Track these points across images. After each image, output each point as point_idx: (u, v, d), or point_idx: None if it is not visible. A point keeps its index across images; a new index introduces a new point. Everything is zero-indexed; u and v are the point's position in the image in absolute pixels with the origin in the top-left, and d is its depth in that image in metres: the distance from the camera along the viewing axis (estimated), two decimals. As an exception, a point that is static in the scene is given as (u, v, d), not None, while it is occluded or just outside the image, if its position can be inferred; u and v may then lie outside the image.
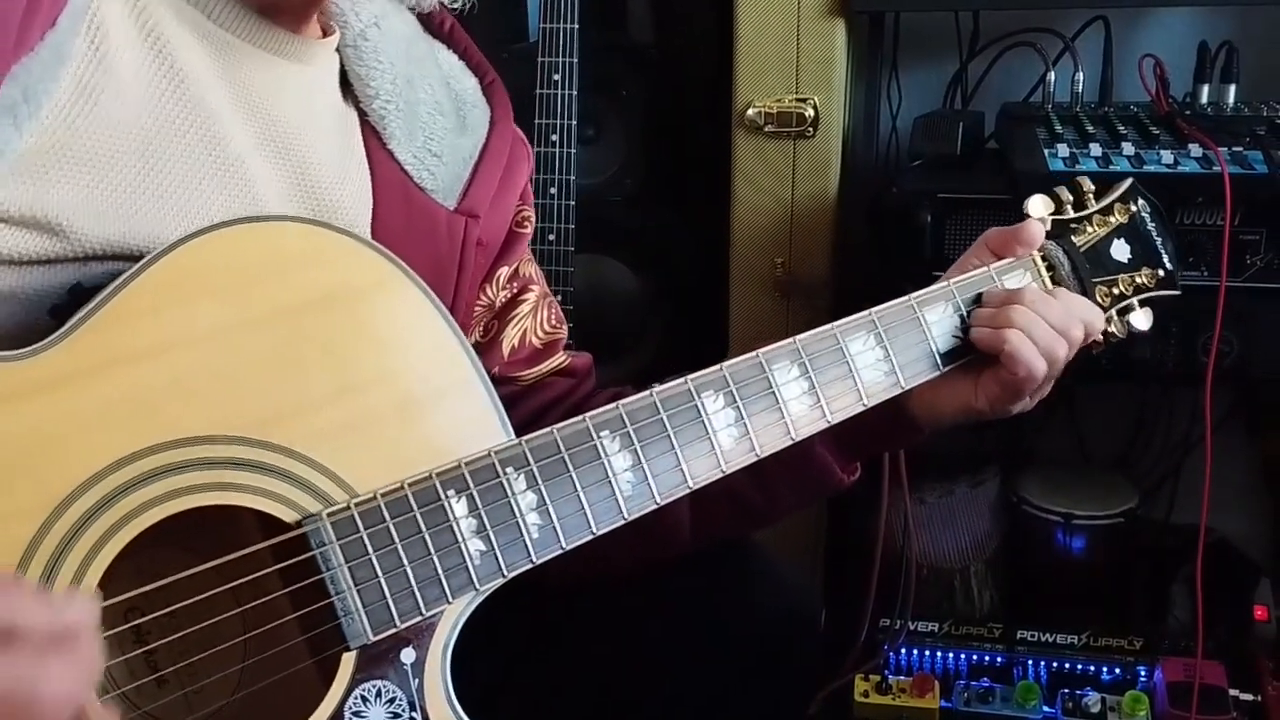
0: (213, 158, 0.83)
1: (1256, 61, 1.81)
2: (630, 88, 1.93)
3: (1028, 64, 1.83)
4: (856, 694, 1.76)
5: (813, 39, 1.67)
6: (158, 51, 0.81)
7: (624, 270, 1.96)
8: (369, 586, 0.77)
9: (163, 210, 0.80)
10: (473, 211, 1.00)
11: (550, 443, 0.83)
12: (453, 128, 1.01)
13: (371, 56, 0.96)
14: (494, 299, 1.06)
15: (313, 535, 0.76)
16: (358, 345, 0.80)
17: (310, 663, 0.80)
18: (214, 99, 0.84)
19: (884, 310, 0.96)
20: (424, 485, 0.79)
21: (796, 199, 1.73)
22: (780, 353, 0.91)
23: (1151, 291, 1.09)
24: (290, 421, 0.77)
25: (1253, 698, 1.73)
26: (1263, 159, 1.45)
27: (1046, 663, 1.80)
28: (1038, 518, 1.92)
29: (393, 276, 0.82)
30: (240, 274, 0.76)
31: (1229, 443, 2.05)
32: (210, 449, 0.74)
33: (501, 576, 0.82)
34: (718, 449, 0.88)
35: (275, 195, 0.87)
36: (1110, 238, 1.07)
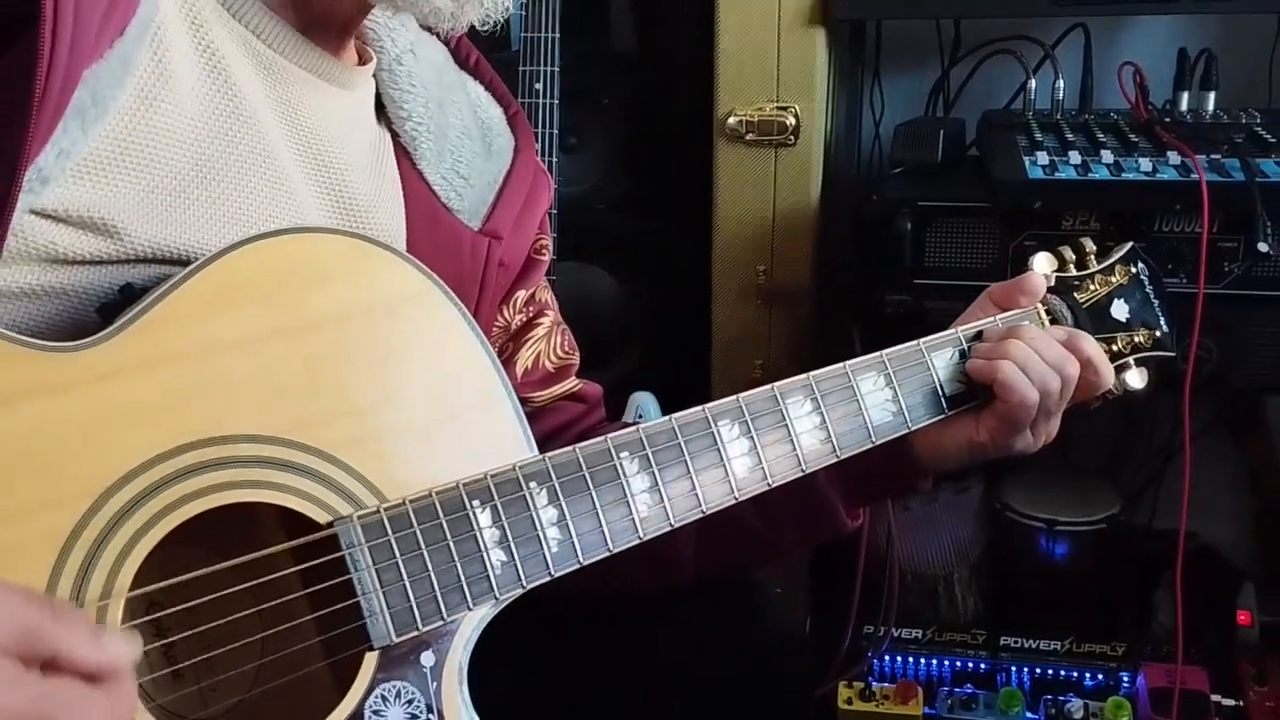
0: (262, 170, 0.86)
1: (1236, 69, 1.82)
2: (612, 96, 1.93)
3: (1009, 71, 1.84)
4: (840, 701, 1.77)
5: (793, 47, 1.67)
6: (213, 66, 0.84)
7: (607, 278, 1.97)
8: (394, 589, 0.80)
9: (213, 218, 0.83)
10: (496, 233, 1.03)
11: (572, 460, 0.86)
12: (479, 152, 1.05)
13: (405, 80, 1.00)
14: (510, 321, 1.09)
15: (343, 536, 0.79)
16: (394, 356, 0.83)
17: (327, 663, 0.82)
18: (263, 115, 0.87)
19: (894, 352, 0.99)
20: (451, 494, 0.82)
21: (778, 207, 1.73)
22: (794, 386, 0.94)
23: (1148, 351, 1.12)
24: (326, 426, 0.80)
25: (1235, 703, 1.74)
26: (1240, 167, 1.46)
27: (1030, 669, 1.80)
28: (1021, 524, 1.93)
29: (430, 292, 0.85)
30: (284, 282, 0.80)
31: (1212, 448, 2.06)
32: (249, 448, 0.77)
33: (521, 587, 0.84)
34: (731, 476, 0.91)
35: (315, 212, 0.91)
36: (1110, 297, 1.10)
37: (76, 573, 0.72)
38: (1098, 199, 1.51)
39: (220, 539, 0.78)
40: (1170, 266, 1.51)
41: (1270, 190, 1.43)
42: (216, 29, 0.85)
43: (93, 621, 0.71)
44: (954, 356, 1.01)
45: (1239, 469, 2.12)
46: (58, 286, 0.78)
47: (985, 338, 1.02)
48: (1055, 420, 1.02)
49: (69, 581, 0.71)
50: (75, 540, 0.72)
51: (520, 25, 1.73)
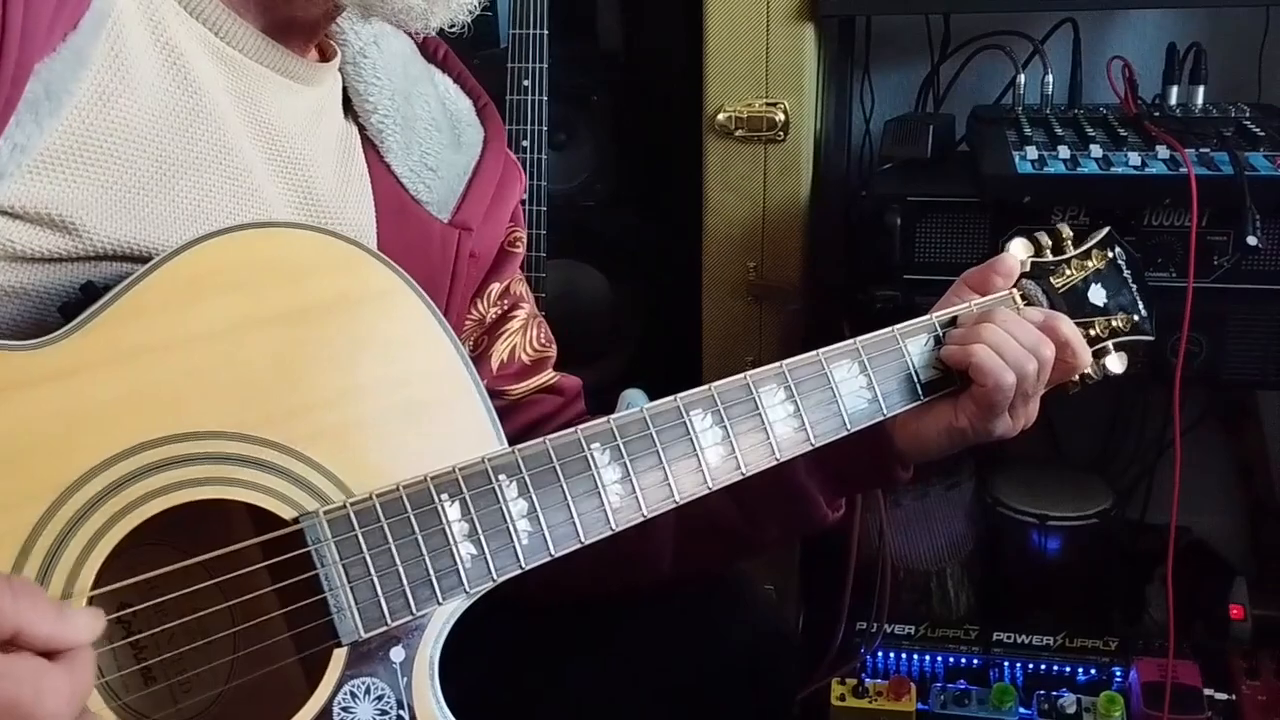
0: (223, 166, 0.85)
1: (1225, 63, 1.82)
2: (601, 93, 1.93)
3: (999, 67, 1.84)
4: (833, 698, 1.77)
5: (782, 43, 1.67)
6: (173, 62, 0.83)
7: (597, 275, 1.97)
8: (361, 584, 0.79)
9: (174, 213, 0.82)
10: (466, 225, 1.03)
11: (542, 452, 0.85)
12: (448, 144, 1.04)
13: (370, 73, 0.99)
14: (485, 314, 1.08)
15: (309, 531, 0.78)
16: (361, 351, 0.82)
17: (298, 659, 0.81)
18: (224, 112, 0.86)
19: (869, 339, 0.99)
20: (419, 488, 0.81)
21: (768, 203, 1.73)
22: (767, 375, 0.94)
23: (1126, 336, 1.11)
24: (292, 421, 0.79)
25: (1228, 697, 1.74)
26: (1229, 160, 1.46)
27: (1022, 664, 1.80)
28: (1013, 519, 1.93)
29: (396, 287, 0.84)
30: (249, 276, 0.79)
31: (1204, 443, 2.06)
32: (214, 444, 0.76)
33: (491, 580, 0.83)
34: (704, 466, 0.90)
35: (282, 208, 0.90)
36: (1088, 281, 1.10)
37: (37, 572, 0.71)
38: (1086, 193, 1.50)
39: (190, 536, 0.77)
40: (1160, 260, 1.51)
41: (1259, 184, 1.43)
42: (175, 26, 0.84)
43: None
44: (929, 343, 1.01)
45: (1231, 463, 2.12)
46: (17, 285, 0.77)
47: (960, 323, 1.02)
48: (1034, 403, 1.01)
49: (30, 581, 0.70)
50: (35, 540, 0.71)
51: (509, 22, 1.73)
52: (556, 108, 1.78)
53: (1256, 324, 1.51)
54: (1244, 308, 1.51)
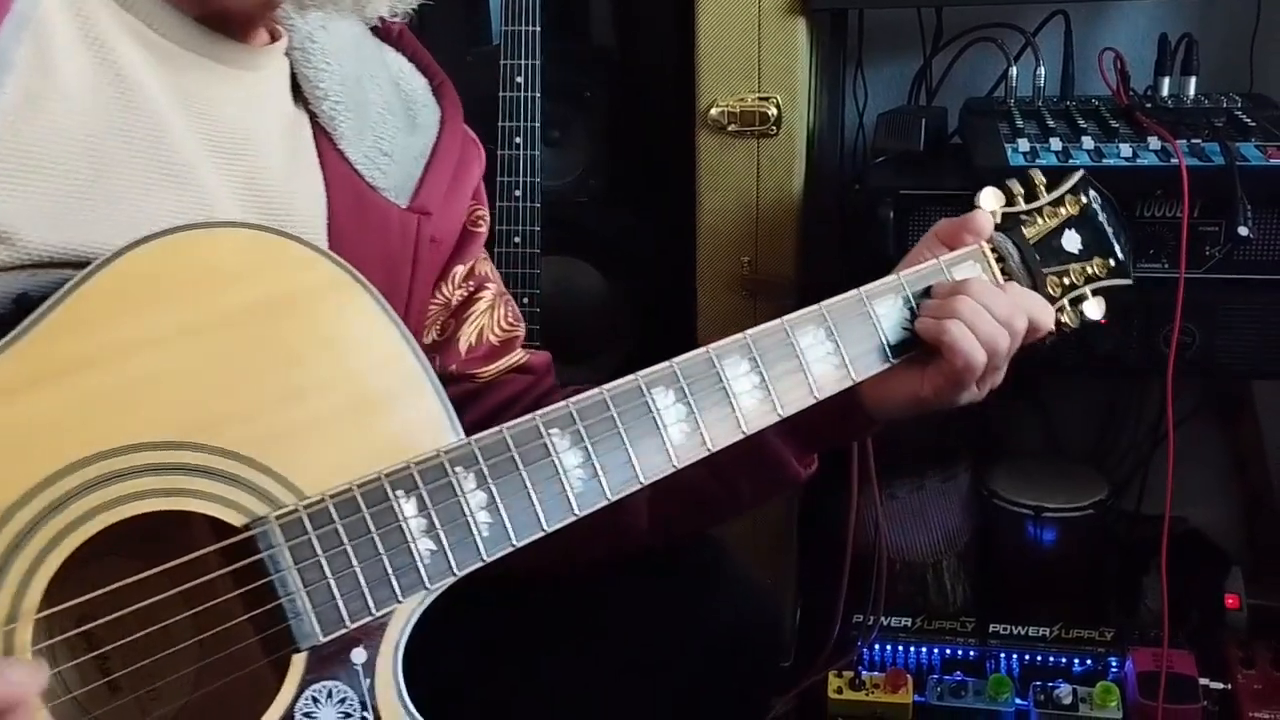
0: (161, 164, 0.83)
1: (1217, 53, 1.83)
2: (593, 89, 1.93)
3: (991, 59, 1.84)
4: (830, 690, 1.77)
5: (774, 37, 1.67)
6: (102, 59, 0.81)
7: (591, 271, 1.96)
8: (318, 588, 0.78)
9: (113, 216, 0.80)
10: (424, 209, 1.01)
11: (499, 441, 0.83)
12: (403, 127, 1.02)
13: (319, 58, 0.97)
14: (450, 297, 1.07)
15: (261, 538, 0.77)
16: (306, 349, 0.80)
17: (264, 663, 0.80)
18: (161, 106, 0.84)
19: (834, 303, 0.96)
20: (373, 486, 0.80)
21: (762, 197, 1.73)
22: (731, 348, 0.91)
23: (1103, 281, 1.10)
24: (240, 426, 0.77)
25: (1223, 686, 1.75)
26: (1220, 151, 1.46)
27: (1019, 655, 1.81)
28: (1009, 511, 1.93)
29: (341, 280, 0.82)
30: (189, 279, 0.77)
31: (1200, 433, 2.07)
32: (160, 454, 0.75)
33: (452, 575, 0.82)
34: (669, 444, 0.88)
35: (226, 201, 0.88)
36: (1061, 229, 1.08)
37: None
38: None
39: (151, 544, 0.76)
40: (1151, 251, 1.51)
41: (1250, 174, 1.43)
42: (106, 22, 0.82)
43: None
44: (898, 304, 0.99)
45: (1226, 453, 2.12)
46: None
47: (933, 293, 1.00)
48: (1002, 371, 1.01)
49: (-28, 607, 0.69)
50: None
51: (501, 19, 1.73)
52: (549, 104, 1.78)
53: (1249, 314, 1.51)
54: (1236, 298, 1.51)
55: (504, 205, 1.74)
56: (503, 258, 1.75)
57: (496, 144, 1.73)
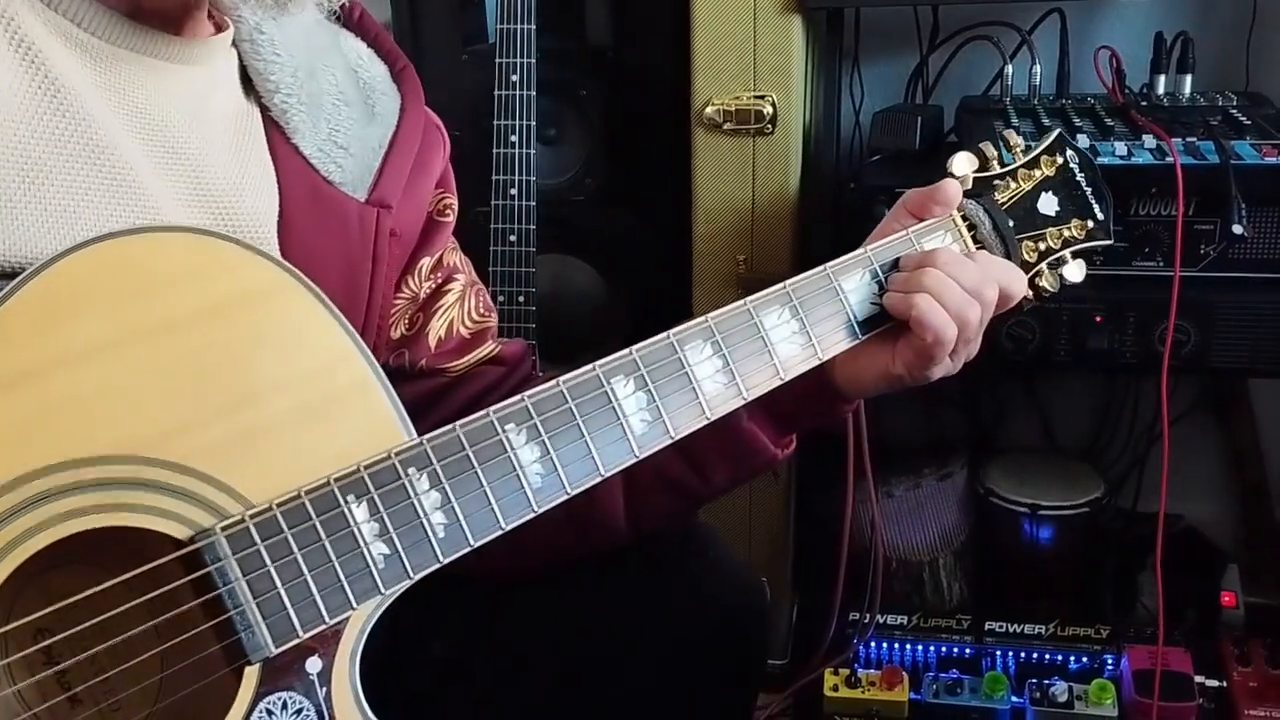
0: (98, 168, 0.81)
1: (1212, 52, 1.83)
2: (589, 88, 1.92)
3: (987, 57, 1.84)
4: (826, 688, 1.77)
5: (769, 36, 1.67)
6: (29, 63, 0.78)
7: (587, 270, 1.96)
8: (268, 599, 0.76)
9: (45, 223, 0.77)
10: (384, 202, 0.98)
11: (453, 440, 0.82)
12: (359, 117, 0.99)
13: (269, 49, 0.94)
14: (418, 291, 1.04)
15: (207, 551, 0.75)
16: (250, 355, 0.78)
17: (225, 673, 0.78)
18: (95, 108, 0.81)
19: (799, 281, 0.94)
20: (322, 492, 0.78)
21: (757, 196, 1.73)
22: (692, 332, 0.89)
23: (1082, 243, 1.07)
24: (183, 436, 0.75)
25: (1219, 684, 1.75)
26: (1215, 149, 1.46)
27: (1015, 653, 1.81)
28: (1005, 509, 1.94)
29: (284, 284, 0.80)
30: (125, 287, 0.74)
31: (1196, 430, 2.07)
32: (100, 470, 0.73)
33: (408, 579, 0.80)
34: (630, 434, 0.86)
35: (170, 203, 0.85)
36: (1036, 191, 1.05)
37: None
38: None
39: (110, 558, 0.74)
40: (1147, 249, 1.51)
41: (1245, 172, 1.44)
42: (29, 21, 0.79)
43: None
44: (865, 278, 0.97)
45: (1223, 451, 2.13)
46: None
47: (901, 265, 0.98)
48: (976, 342, 0.98)
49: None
50: None
51: (496, 17, 1.73)
52: (545, 102, 1.78)
53: (1243, 311, 1.51)
54: (1231, 296, 1.51)
55: (499, 204, 1.74)
56: (498, 256, 1.75)
57: (492, 143, 1.73)
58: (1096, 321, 1.54)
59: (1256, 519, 2.11)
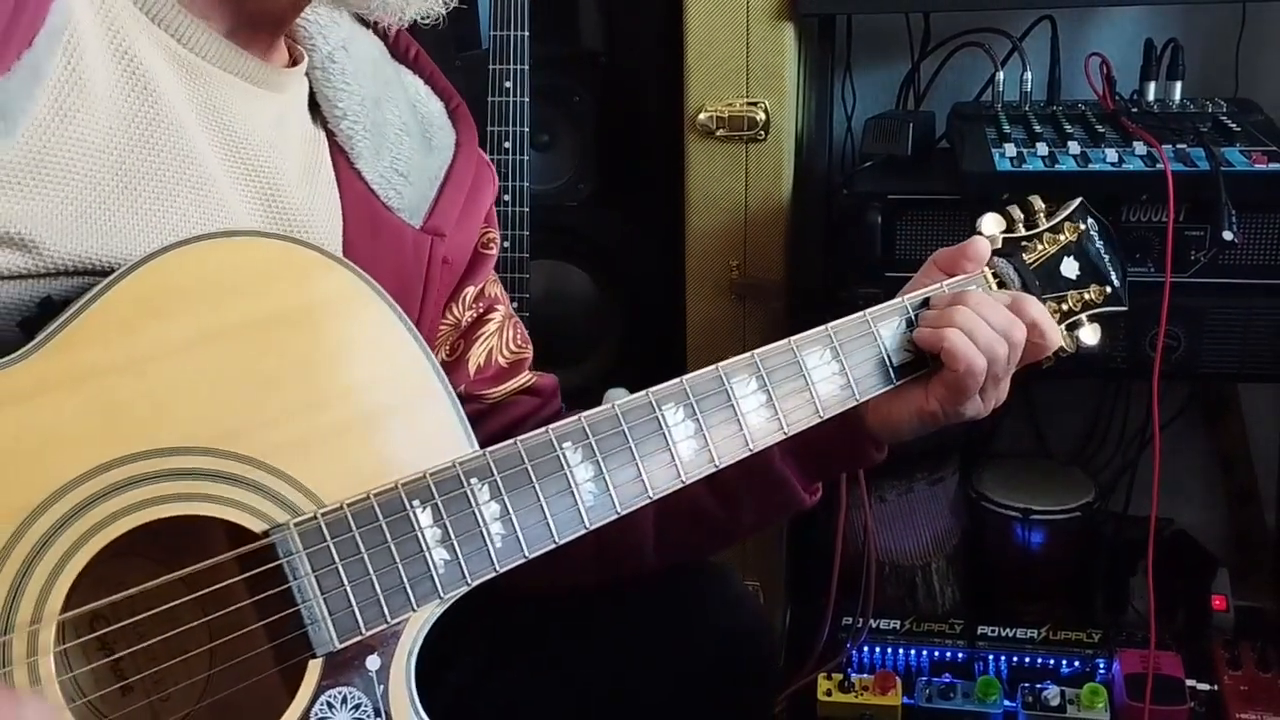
0: (185, 176, 0.84)
1: (1202, 58, 1.84)
2: (582, 94, 1.93)
3: (979, 64, 1.85)
4: (820, 693, 1.78)
5: (762, 43, 1.67)
6: (131, 72, 0.81)
7: (581, 275, 1.97)
8: (335, 594, 0.79)
9: (136, 226, 0.81)
10: (438, 230, 1.01)
11: (514, 454, 0.85)
12: (419, 148, 1.03)
13: (339, 78, 0.98)
14: (460, 318, 1.07)
15: (280, 544, 0.78)
16: (326, 359, 0.81)
17: (275, 670, 0.81)
18: (186, 122, 0.85)
19: (840, 325, 0.98)
20: (390, 495, 0.81)
21: (750, 202, 1.74)
22: (739, 366, 0.93)
23: (1099, 308, 1.11)
24: (259, 433, 0.78)
25: (1210, 687, 1.76)
26: (1205, 156, 1.47)
27: (1007, 657, 1.82)
28: (997, 513, 1.94)
29: (361, 292, 0.83)
30: (211, 287, 0.78)
31: (1186, 435, 2.08)
32: (180, 460, 0.76)
33: (465, 585, 0.83)
34: (677, 460, 0.90)
35: (246, 218, 0.89)
36: (1060, 255, 1.10)
37: (4, 598, 0.71)
38: (1064, 190, 1.50)
39: (166, 548, 0.77)
40: (1137, 255, 1.52)
41: (1235, 179, 1.44)
42: (135, 35, 0.82)
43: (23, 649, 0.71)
44: (901, 326, 1.01)
45: (1213, 455, 2.14)
46: None
47: (932, 305, 1.02)
48: (1005, 384, 1.02)
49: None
50: (5, 558, 0.71)
51: (490, 23, 1.74)
52: (538, 109, 1.78)
53: (1233, 317, 1.52)
54: (1221, 301, 1.52)
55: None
56: (492, 262, 1.75)
57: (485, 148, 1.73)
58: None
59: (1246, 522, 2.12)
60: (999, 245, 1.08)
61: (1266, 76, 1.89)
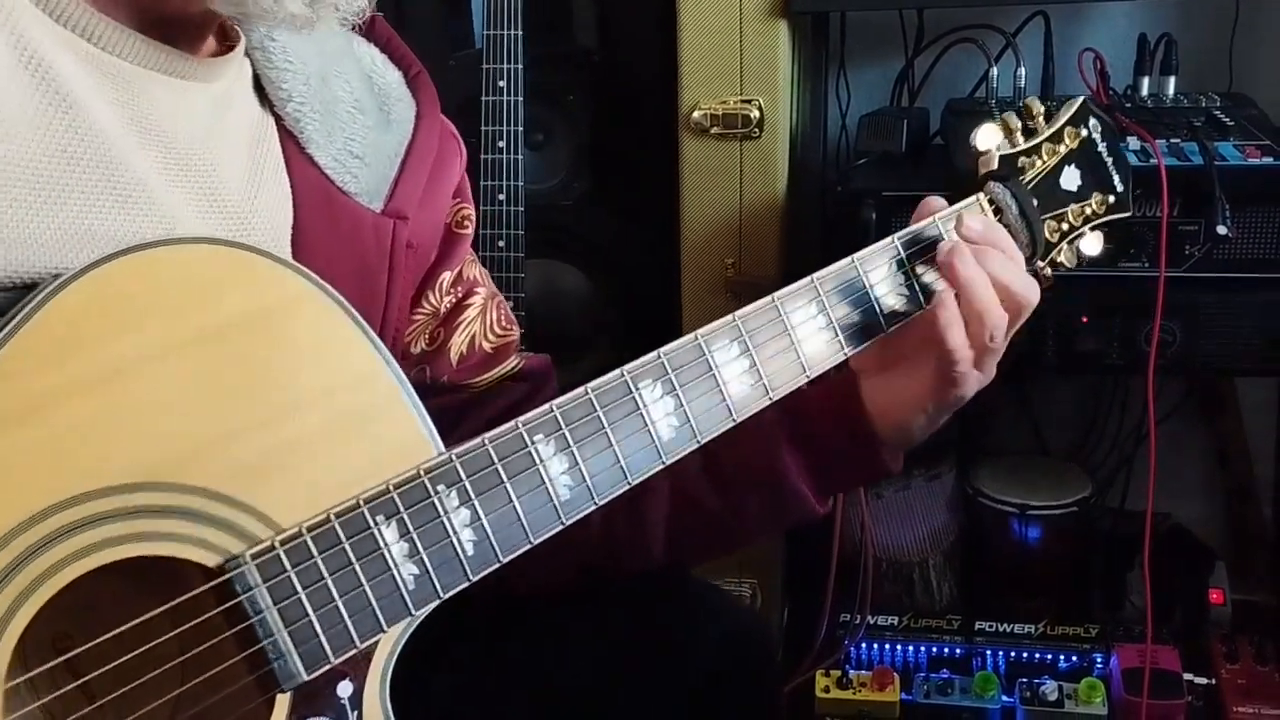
0: (111, 184, 0.78)
1: (1196, 53, 1.84)
2: (577, 92, 1.93)
3: (972, 60, 1.85)
4: (818, 689, 1.78)
5: (756, 40, 1.67)
6: (40, 79, 0.75)
7: (576, 274, 1.97)
8: (300, 626, 0.74)
9: (62, 240, 0.75)
10: (400, 213, 0.95)
11: (482, 454, 0.80)
12: (374, 125, 0.96)
13: (281, 57, 0.91)
14: (438, 305, 1.02)
15: (237, 580, 0.73)
16: (273, 371, 0.76)
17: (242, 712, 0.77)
18: (108, 125, 0.79)
19: (826, 273, 0.93)
20: (352, 514, 0.76)
21: (745, 200, 1.73)
22: (720, 332, 0.88)
23: (1101, 218, 1.06)
24: (207, 459, 0.73)
25: (1207, 681, 1.76)
26: (1199, 150, 1.47)
27: (1005, 653, 1.82)
28: (993, 509, 1.94)
29: (310, 295, 0.78)
30: (142, 303, 0.72)
31: (1183, 429, 2.08)
32: (123, 498, 0.71)
33: (437, 598, 0.79)
34: (657, 441, 0.85)
35: (187, 217, 0.83)
36: (1060, 166, 1.04)
37: None
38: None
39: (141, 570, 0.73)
40: (1132, 250, 1.52)
41: (1229, 173, 1.44)
42: (40, 38, 0.76)
43: None
44: (891, 268, 0.96)
45: (1209, 449, 2.14)
46: None
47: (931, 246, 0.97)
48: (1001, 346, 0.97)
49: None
50: None
51: (484, 23, 1.74)
52: (532, 108, 1.78)
53: (1228, 312, 1.52)
54: (1216, 296, 1.52)
55: (488, 209, 1.74)
56: (487, 261, 1.75)
57: (480, 148, 1.73)
58: (1083, 322, 1.55)
59: (1243, 516, 2.12)
60: (994, 166, 1.02)
61: (1260, 71, 1.89)
